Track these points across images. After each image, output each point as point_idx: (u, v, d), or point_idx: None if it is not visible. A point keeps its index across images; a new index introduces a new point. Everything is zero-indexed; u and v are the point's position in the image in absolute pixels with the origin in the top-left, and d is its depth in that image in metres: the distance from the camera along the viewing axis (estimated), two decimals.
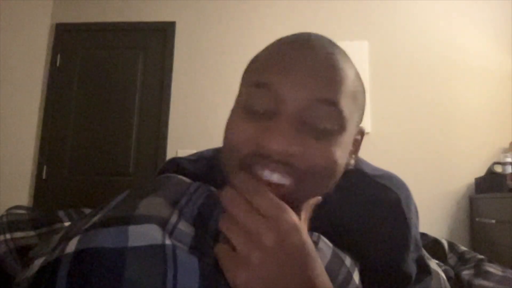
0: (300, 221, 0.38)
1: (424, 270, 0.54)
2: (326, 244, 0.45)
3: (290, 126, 0.40)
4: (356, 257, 0.49)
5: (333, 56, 0.44)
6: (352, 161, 0.50)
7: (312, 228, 0.47)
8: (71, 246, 0.34)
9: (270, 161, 0.40)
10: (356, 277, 0.45)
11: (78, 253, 0.33)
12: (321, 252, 0.43)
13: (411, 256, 0.52)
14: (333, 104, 0.41)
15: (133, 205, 0.38)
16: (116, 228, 0.35)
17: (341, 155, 0.43)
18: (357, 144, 0.51)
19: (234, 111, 0.46)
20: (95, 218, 0.38)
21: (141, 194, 0.42)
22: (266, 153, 0.39)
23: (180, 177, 0.48)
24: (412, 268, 0.52)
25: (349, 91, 0.43)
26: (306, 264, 0.34)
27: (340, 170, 0.44)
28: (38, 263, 0.35)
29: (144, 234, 0.34)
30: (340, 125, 0.42)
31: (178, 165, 0.58)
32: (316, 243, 0.43)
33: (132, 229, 0.35)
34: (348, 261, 0.46)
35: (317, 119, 0.41)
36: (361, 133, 0.52)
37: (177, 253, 0.34)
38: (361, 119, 0.49)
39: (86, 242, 0.33)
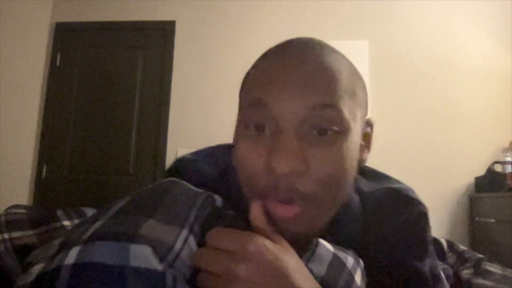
0: (278, 237, 0.38)
1: (435, 277, 0.54)
2: (325, 248, 0.44)
3: (292, 143, 0.40)
4: (379, 267, 0.50)
5: (322, 58, 0.43)
6: (366, 155, 0.50)
7: (339, 242, 0.47)
8: (71, 257, 0.33)
9: (279, 193, 0.40)
10: (358, 277, 0.45)
11: (78, 266, 0.32)
12: (319, 258, 0.42)
13: (428, 264, 0.53)
14: (330, 106, 0.41)
15: (137, 222, 0.37)
16: (117, 243, 0.34)
17: (350, 159, 0.43)
18: (368, 137, 0.51)
19: (239, 134, 0.45)
20: (96, 225, 0.37)
21: (146, 207, 0.40)
22: (277, 182, 0.40)
23: (187, 185, 0.46)
24: (428, 276, 0.52)
25: (345, 89, 0.43)
26: (286, 277, 0.35)
27: (352, 174, 0.44)
28: (36, 269, 0.34)
29: (145, 257, 0.34)
30: (343, 126, 0.41)
31: (196, 171, 0.57)
32: (313, 251, 0.43)
33: (134, 248, 0.34)
34: (350, 261, 0.45)
35: (319, 125, 0.41)
36: (370, 125, 0.51)
37: (177, 286, 0.34)
38: (365, 114, 0.49)
39: (86, 255, 0.33)
